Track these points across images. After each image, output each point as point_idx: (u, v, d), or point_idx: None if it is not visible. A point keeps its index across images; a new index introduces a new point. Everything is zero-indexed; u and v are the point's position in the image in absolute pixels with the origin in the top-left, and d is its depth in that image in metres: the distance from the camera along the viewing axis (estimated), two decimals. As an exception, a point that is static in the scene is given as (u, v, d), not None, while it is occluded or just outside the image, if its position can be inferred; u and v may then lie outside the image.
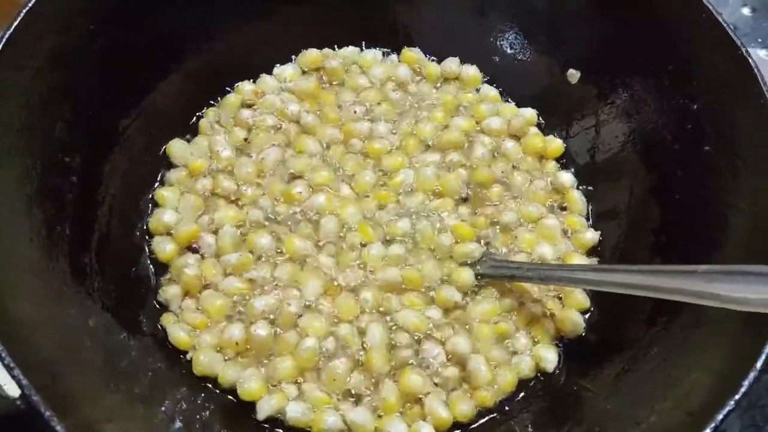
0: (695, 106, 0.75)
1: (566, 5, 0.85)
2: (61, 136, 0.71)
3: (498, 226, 0.81)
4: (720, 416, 0.54)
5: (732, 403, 0.54)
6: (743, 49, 0.70)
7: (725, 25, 0.72)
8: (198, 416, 0.68)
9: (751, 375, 0.55)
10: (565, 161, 0.88)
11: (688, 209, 0.74)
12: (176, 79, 0.85)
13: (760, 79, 0.68)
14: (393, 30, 0.93)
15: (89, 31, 0.73)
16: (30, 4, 0.67)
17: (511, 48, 0.92)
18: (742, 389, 0.55)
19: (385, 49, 0.93)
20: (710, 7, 0.73)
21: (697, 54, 0.74)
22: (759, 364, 0.55)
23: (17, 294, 0.59)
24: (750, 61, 0.69)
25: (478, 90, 0.92)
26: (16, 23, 0.66)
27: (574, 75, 0.87)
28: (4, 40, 0.65)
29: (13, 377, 0.51)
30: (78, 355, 0.61)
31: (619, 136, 0.83)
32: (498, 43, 0.92)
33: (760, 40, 1.14)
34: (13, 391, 0.63)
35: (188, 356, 0.72)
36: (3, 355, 0.52)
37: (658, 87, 0.79)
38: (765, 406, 0.86)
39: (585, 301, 0.77)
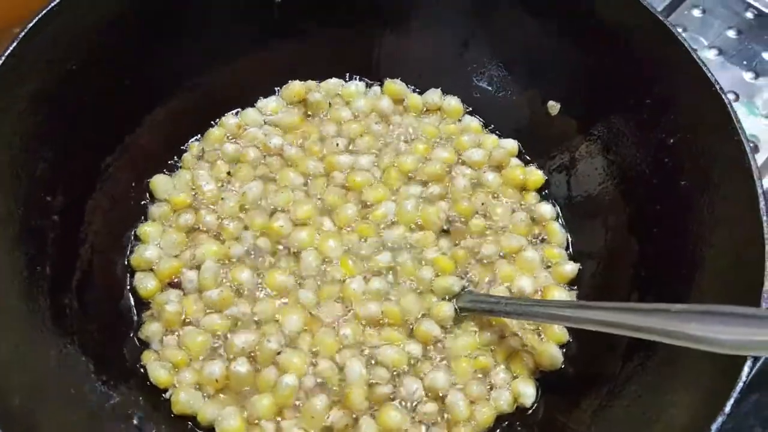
0: (672, 141, 0.75)
1: (546, 41, 0.86)
2: (44, 176, 0.71)
3: (478, 259, 0.82)
4: (688, 461, 0.55)
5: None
6: (717, 86, 0.70)
7: (700, 62, 0.72)
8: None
9: (719, 419, 0.55)
10: (545, 193, 0.88)
11: (665, 243, 0.74)
12: (160, 115, 0.85)
13: (733, 115, 0.69)
14: (377, 63, 0.94)
15: (70, 72, 0.74)
16: (10, 48, 0.68)
17: (493, 80, 0.93)
18: (711, 433, 0.55)
19: (369, 81, 0.94)
20: (686, 45, 0.73)
21: (674, 89, 0.75)
22: (727, 409, 0.55)
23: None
24: (723, 97, 0.70)
25: (460, 121, 0.93)
26: (-4, 68, 0.67)
27: (554, 107, 0.88)
28: (-17, 85, 0.66)
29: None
30: (56, 399, 0.62)
31: (599, 168, 0.84)
32: (480, 75, 0.93)
33: (745, 62, 1.14)
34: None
35: (168, 394, 0.72)
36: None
37: (637, 121, 0.79)
38: (752, 427, 0.86)
39: (563, 335, 0.78)
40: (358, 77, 0.95)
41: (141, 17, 0.80)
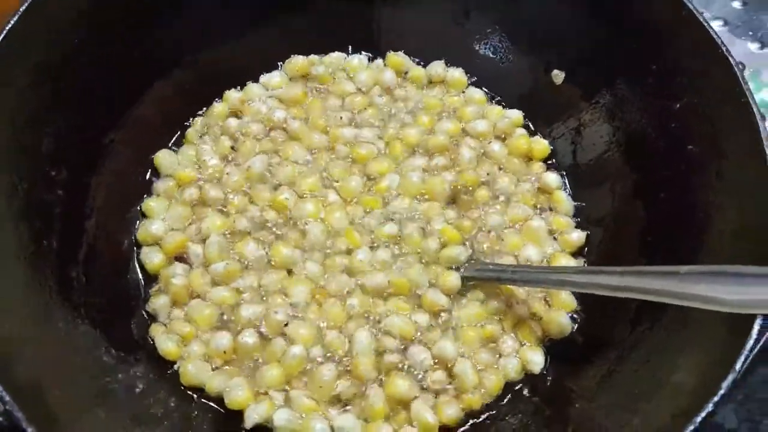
0: (678, 105, 0.75)
1: (549, 8, 0.85)
2: (48, 151, 0.71)
3: (484, 229, 0.82)
4: (698, 419, 0.54)
5: (710, 406, 0.55)
6: (723, 48, 0.70)
7: (705, 24, 0.71)
8: (188, 427, 0.69)
9: (730, 377, 0.55)
10: (551, 162, 0.88)
11: (673, 209, 0.74)
12: (163, 90, 0.85)
13: (740, 78, 0.68)
14: (378, 35, 0.94)
15: (73, 46, 0.74)
16: (12, 22, 0.67)
17: (496, 50, 0.92)
18: (721, 392, 0.55)
19: (371, 55, 0.94)
20: (691, 6, 0.72)
21: (679, 53, 0.74)
22: (738, 366, 0.55)
23: (2, 310, 0.59)
24: (730, 59, 0.69)
25: (463, 92, 0.92)
26: (-1, 40, 0.66)
27: (558, 76, 0.87)
28: (-14, 57, 0.65)
29: (-4, 393, 0.52)
30: (64, 371, 0.62)
31: (604, 136, 0.83)
32: (483, 45, 0.93)
33: (751, 33, 1.13)
34: None
35: (176, 366, 0.73)
36: (-14, 371, 0.53)
37: (642, 86, 0.79)
38: (762, 400, 0.86)
39: (572, 302, 0.77)
40: (361, 51, 0.94)
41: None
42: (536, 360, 0.74)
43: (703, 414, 0.54)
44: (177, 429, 0.68)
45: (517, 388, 0.74)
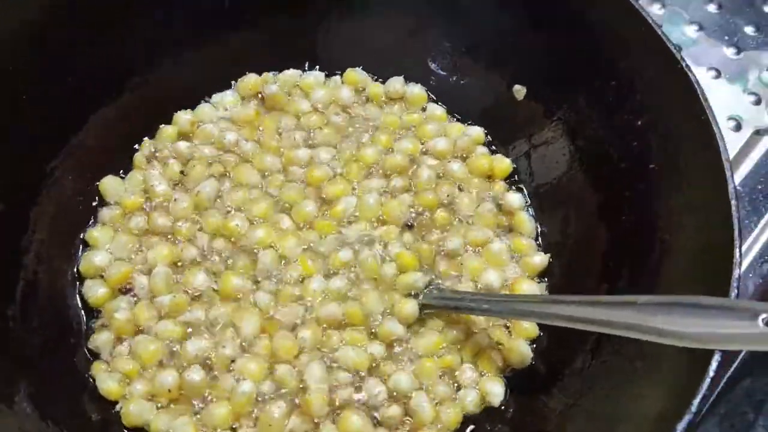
0: (639, 123, 0.72)
1: (508, 23, 0.83)
2: (-20, 183, 0.68)
3: (444, 253, 0.79)
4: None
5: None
6: (683, 63, 0.67)
7: (664, 38, 0.69)
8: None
9: (685, 418, 0.52)
10: (513, 181, 0.85)
11: (634, 231, 0.71)
12: (109, 113, 0.82)
13: (700, 94, 0.66)
14: (335, 52, 0.91)
15: (10, 69, 0.70)
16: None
17: (456, 66, 0.90)
18: (677, 433, 0.52)
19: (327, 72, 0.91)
20: (649, 20, 0.70)
21: (639, 69, 0.72)
22: (694, 407, 0.52)
23: None
24: (690, 76, 0.66)
25: (424, 109, 0.89)
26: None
27: (519, 91, 0.85)
28: None
29: None
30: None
31: (566, 154, 0.81)
32: (441, 61, 0.90)
33: (726, 37, 1.11)
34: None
35: (118, 407, 0.69)
36: None
37: (603, 103, 0.76)
38: (745, 413, 0.84)
39: (533, 330, 0.75)
40: (317, 68, 0.91)
41: (83, 10, 0.76)
42: (496, 391, 0.71)
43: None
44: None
45: (475, 424, 0.71)
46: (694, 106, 0.65)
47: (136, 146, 0.85)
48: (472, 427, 0.71)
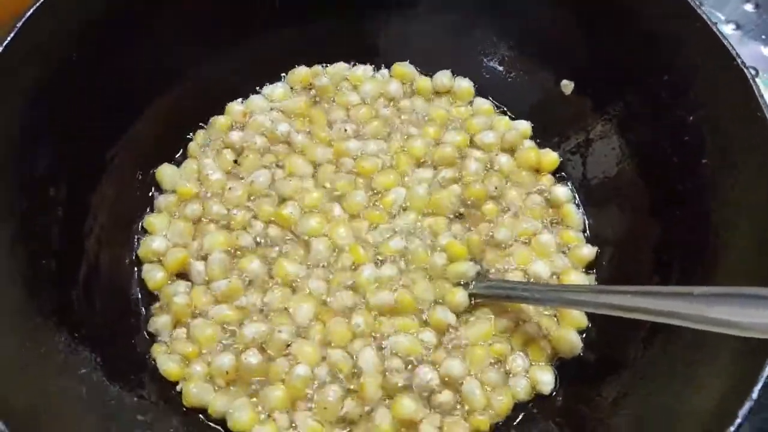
0: (692, 118, 0.73)
1: (558, 18, 0.83)
2: (46, 170, 0.70)
3: (492, 244, 0.80)
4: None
5: (727, 434, 0.53)
6: (738, 60, 0.68)
7: (719, 34, 0.69)
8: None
9: (746, 405, 0.53)
10: (561, 175, 0.86)
11: (687, 226, 0.72)
12: (164, 104, 0.84)
13: (756, 90, 0.66)
14: (384, 46, 0.92)
15: (70, 61, 0.72)
16: (7, 39, 0.66)
17: (504, 60, 0.91)
18: (738, 420, 0.53)
19: (375, 66, 0.92)
20: (705, 17, 0.70)
21: (693, 65, 0.72)
22: (755, 394, 0.53)
23: (-1, 335, 0.58)
24: (745, 71, 0.67)
25: (470, 103, 0.90)
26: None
27: (567, 86, 0.86)
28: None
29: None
30: (63, 396, 0.61)
31: (616, 148, 0.81)
32: (490, 55, 0.91)
33: (764, 36, 1.11)
34: None
35: (178, 387, 0.71)
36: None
37: (654, 98, 0.76)
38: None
39: (582, 320, 0.76)
40: (366, 62, 0.92)
41: (141, 6, 0.78)
42: (546, 380, 0.72)
43: (720, 442, 0.53)
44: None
45: (527, 409, 0.72)
46: (750, 103, 0.66)
47: (190, 136, 0.87)
48: (523, 413, 0.72)
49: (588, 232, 0.82)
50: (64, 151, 0.72)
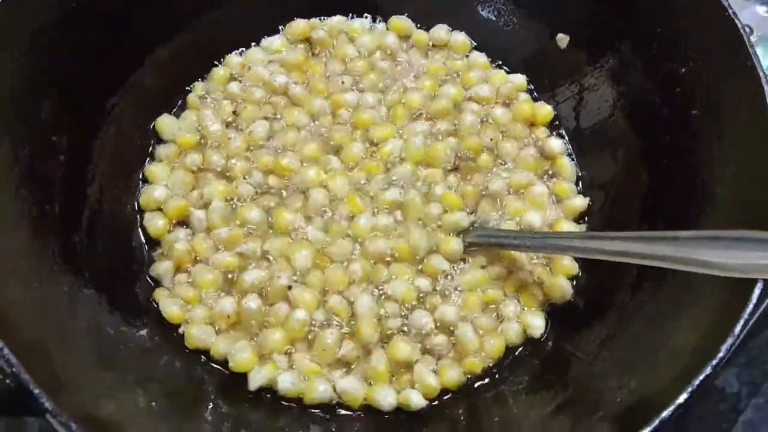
0: (684, 70, 0.74)
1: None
2: (49, 117, 0.71)
3: (487, 194, 0.81)
4: (697, 382, 0.55)
5: (709, 369, 0.55)
6: (730, 11, 0.69)
7: (712, -15, 0.70)
8: (193, 390, 0.70)
9: (729, 341, 0.55)
10: (555, 126, 0.87)
11: (674, 175, 0.74)
12: (163, 55, 0.84)
13: (746, 41, 0.67)
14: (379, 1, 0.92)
15: (71, 9, 0.73)
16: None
17: (500, 14, 0.91)
18: (720, 355, 0.55)
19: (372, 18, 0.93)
20: (696, -33, 0.71)
21: (685, 15, 0.73)
22: (737, 330, 0.56)
23: (6, 275, 0.60)
24: (737, 22, 0.68)
25: (467, 57, 0.91)
26: (-7, 8, 0.65)
27: (563, 39, 0.86)
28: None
29: (2, 356, 0.52)
30: (69, 334, 0.63)
31: (609, 100, 0.83)
32: (486, 8, 0.92)
33: (759, -6, 1.11)
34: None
35: (180, 330, 0.73)
36: (-8, 335, 0.53)
37: (647, 50, 0.78)
38: (765, 363, 0.86)
39: (573, 267, 0.78)
40: (363, 15, 0.93)
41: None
42: (537, 324, 0.75)
43: (701, 377, 0.55)
44: (183, 391, 0.68)
45: (517, 352, 0.75)
46: (740, 53, 0.67)
47: (189, 88, 0.88)
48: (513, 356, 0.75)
49: (580, 183, 0.84)
50: (65, 99, 0.73)
